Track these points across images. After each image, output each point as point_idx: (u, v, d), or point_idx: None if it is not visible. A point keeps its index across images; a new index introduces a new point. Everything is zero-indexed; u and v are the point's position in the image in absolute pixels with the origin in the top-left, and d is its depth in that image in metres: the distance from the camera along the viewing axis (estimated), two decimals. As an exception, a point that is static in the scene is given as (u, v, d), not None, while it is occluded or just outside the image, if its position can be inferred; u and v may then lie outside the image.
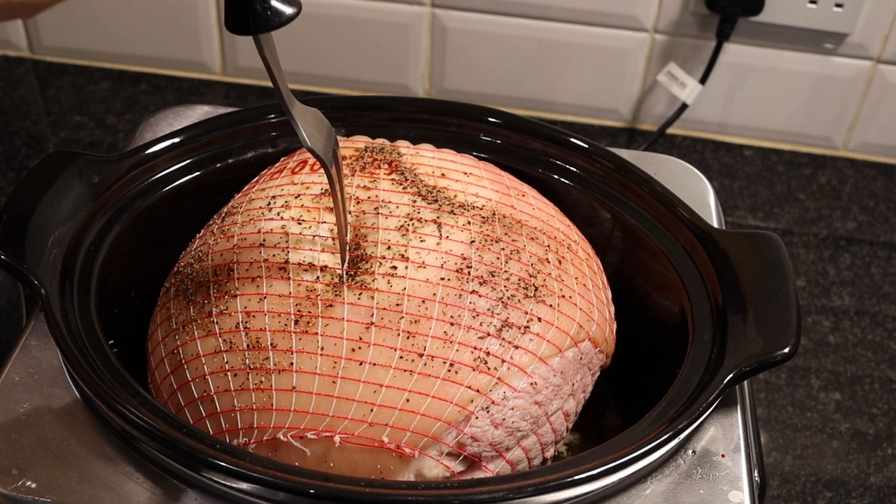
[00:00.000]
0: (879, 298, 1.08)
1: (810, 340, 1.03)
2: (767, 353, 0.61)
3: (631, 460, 0.56)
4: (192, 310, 0.64)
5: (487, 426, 0.60)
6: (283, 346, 0.60)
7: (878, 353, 1.02)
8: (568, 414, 0.66)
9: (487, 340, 0.61)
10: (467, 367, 0.60)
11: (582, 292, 0.67)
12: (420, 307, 0.61)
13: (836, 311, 1.06)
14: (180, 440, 0.55)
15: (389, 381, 0.59)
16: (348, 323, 0.60)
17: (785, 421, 0.95)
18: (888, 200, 1.21)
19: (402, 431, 0.58)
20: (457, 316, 0.61)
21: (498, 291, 0.63)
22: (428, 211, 0.66)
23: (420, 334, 0.60)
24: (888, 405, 0.97)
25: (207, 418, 0.60)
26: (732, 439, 0.62)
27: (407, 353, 0.59)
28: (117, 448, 0.58)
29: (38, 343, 0.64)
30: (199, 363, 0.61)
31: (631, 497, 0.58)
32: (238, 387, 0.60)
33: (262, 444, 0.58)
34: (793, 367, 1.00)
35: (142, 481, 0.57)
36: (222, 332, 0.61)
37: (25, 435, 0.58)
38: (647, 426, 0.59)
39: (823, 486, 0.89)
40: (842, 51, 1.17)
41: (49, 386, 0.62)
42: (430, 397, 0.59)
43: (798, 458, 0.92)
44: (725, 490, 0.58)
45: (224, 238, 0.67)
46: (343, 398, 0.58)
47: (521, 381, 0.61)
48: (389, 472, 0.57)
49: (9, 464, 0.57)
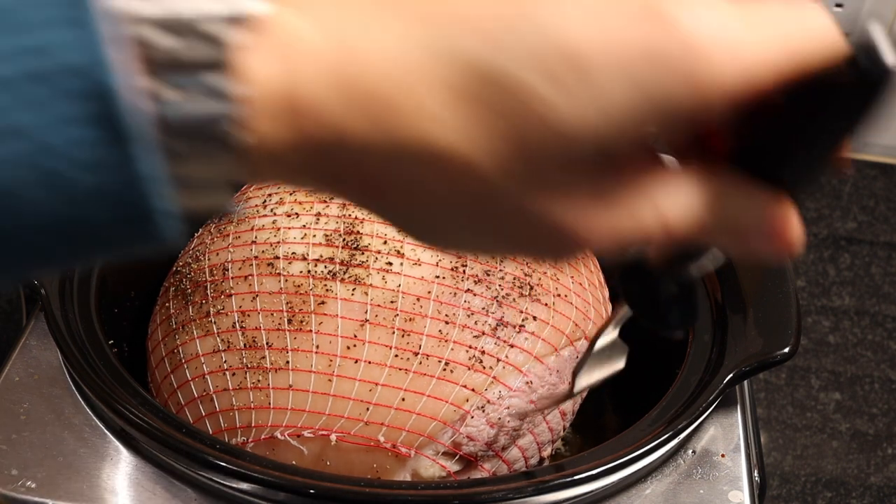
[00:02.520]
0: (879, 298, 1.08)
1: (810, 340, 1.03)
2: (767, 353, 0.61)
3: (631, 460, 0.56)
4: (191, 309, 0.64)
5: (483, 425, 0.60)
6: (279, 345, 0.60)
7: (878, 353, 1.02)
8: (565, 413, 0.66)
9: (482, 339, 0.61)
10: (462, 366, 0.60)
11: (578, 291, 0.67)
12: (415, 305, 0.61)
13: (836, 311, 1.06)
14: (180, 440, 0.55)
15: (385, 379, 0.59)
16: (342, 320, 0.60)
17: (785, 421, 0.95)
18: (888, 200, 1.21)
19: (397, 431, 0.58)
20: (452, 314, 0.61)
21: (493, 290, 0.63)
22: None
23: (415, 332, 0.60)
24: (888, 405, 0.97)
25: (207, 417, 0.60)
26: (732, 439, 0.62)
27: (402, 352, 0.59)
28: (117, 448, 0.59)
29: (38, 343, 0.64)
30: (199, 362, 0.61)
31: (631, 497, 0.58)
32: (236, 386, 0.60)
33: (260, 443, 0.58)
34: (793, 367, 1.00)
35: (142, 481, 0.57)
36: (220, 331, 0.61)
37: (25, 435, 0.59)
38: (647, 426, 0.59)
39: (823, 486, 0.89)
40: (842, 51, 1.17)
41: (49, 386, 0.62)
42: (425, 396, 0.59)
43: (798, 458, 0.92)
44: (725, 490, 0.58)
45: (220, 237, 0.67)
46: (339, 396, 0.58)
47: (517, 380, 0.61)
48: (385, 471, 0.57)
49: (9, 464, 0.57)
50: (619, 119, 0.27)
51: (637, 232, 0.29)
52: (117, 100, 0.24)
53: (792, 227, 0.30)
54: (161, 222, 0.26)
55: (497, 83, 0.26)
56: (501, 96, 0.26)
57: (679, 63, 0.26)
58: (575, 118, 0.26)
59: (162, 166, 0.25)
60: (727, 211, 0.30)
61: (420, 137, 0.27)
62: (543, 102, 0.26)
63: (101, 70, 0.24)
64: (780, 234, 0.30)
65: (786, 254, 0.31)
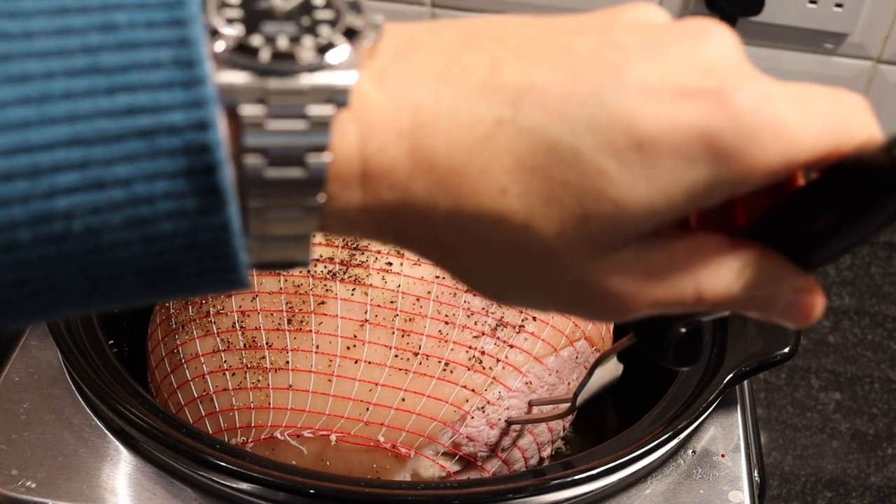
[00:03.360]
0: (879, 298, 1.08)
1: (810, 340, 1.03)
2: (767, 352, 0.61)
3: (631, 460, 0.56)
4: (191, 309, 0.64)
5: (483, 426, 0.60)
6: (279, 345, 0.60)
7: (878, 353, 1.02)
8: (565, 413, 0.66)
9: (482, 339, 0.61)
10: (462, 367, 0.60)
11: (579, 291, 0.67)
12: (415, 305, 0.61)
13: (836, 311, 1.06)
14: (180, 440, 0.55)
15: (385, 379, 0.59)
16: (342, 320, 0.60)
17: (785, 421, 0.95)
18: (888, 200, 1.21)
19: (397, 431, 0.58)
20: (451, 315, 0.61)
21: (494, 291, 0.63)
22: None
23: (415, 333, 0.60)
24: (888, 405, 0.97)
25: (206, 417, 0.60)
26: (732, 439, 0.62)
27: (402, 352, 0.60)
28: (117, 448, 0.59)
29: (38, 343, 0.64)
30: (199, 362, 0.61)
31: (631, 497, 0.58)
32: (236, 386, 0.60)
33: (260, 443, 0.58)
34: (793, 367, 1.00)
35: (142, 481, 0.57)
36: (220, 331, 0.62)
37: (25, 435, 0.59)
38: (647, 426, 0.59)
39: (823, 486, 0.89)
40: (842, 51, 1.17)
41: (49, 386, 0.62)
42: (425, 397, 0.59)
43: (798, 458, 0.92)
44: (725, 490, 0.58)
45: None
46: (339, 396, 0.58)
47: (516, 381, 0.61)
48: (385, 471, 0.57)
49: (9, 464, 0.57)
50: (673, 196, 0.28)
51: (676, 302, 0.31)
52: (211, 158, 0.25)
53: (817, 308, 0.32)
54: (238, 271, 0.28)
55: (561, 157, 0.28)
56: (565, 169, 0.28)
57: (730, 143, 0.27)
58: (633, 193, 0.28)
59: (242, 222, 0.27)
60: (758, 287, 0.31)
61: (485, 204, 0.29)
62: (605, 178, 0.28)
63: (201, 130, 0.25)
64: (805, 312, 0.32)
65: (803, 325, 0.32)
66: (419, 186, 0.28)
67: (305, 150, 0.27)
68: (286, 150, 0.27)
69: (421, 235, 0.30)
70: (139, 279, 0.27)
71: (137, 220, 0.26)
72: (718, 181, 0.28)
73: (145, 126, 0.25)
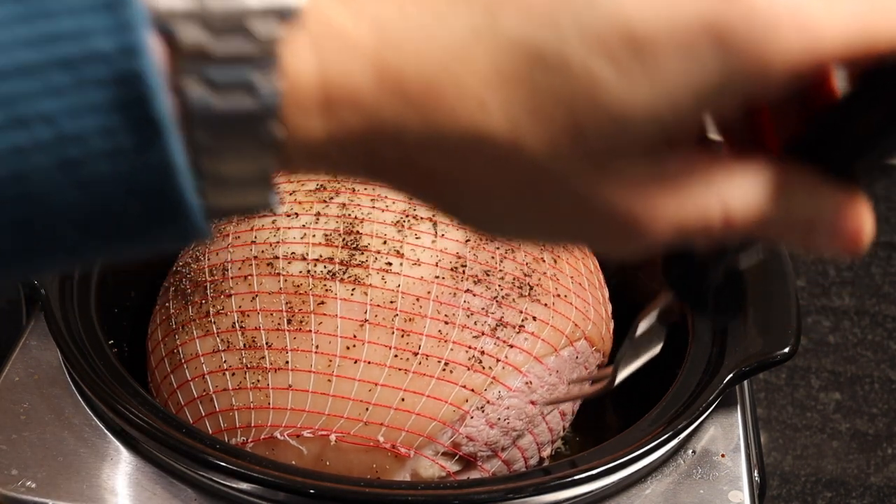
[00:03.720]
0: (879, 298, 1.08)
1: (810, 340, 1.03)
2: (767, 352, 0.61)
3: (631, 460, 0.56)
4: (191, 309, 0.64)
5: (483, 426, 0.60)
6: (279, 345, 0.60)
7: (878, 353, 1.02)
8: (564, 413, 0.66)
9: (482, 339, 0.61)
10: (462, 367, 0.60)
11: (577, 291, 0.67)
12: (414, 305, 0.61)
13: (836, 311, 1.06)
14: (180, 440, 0.55)
15: (384, 379, 0.59)
16: (342, 320, 0.60)
17: (785, 421, 0.95)
18: (888, 200, 1.21)
19: (397, 431, 0.58)
20: (451, 315, 0.61)
21: (492, 290, 0.63)
22: (424, 208, 0.66)
23: (414, 333, 0.60)
24: (888, 405, 0.97)
25: (206, 417, 0.60)
26: (732, 439, 0.62)
27: (401, 352, 0.60)
28: (117, 448, 0.59)
29: (38, 343, 0.64)
30: (198, 363, 0.61)
31: (631, 497, 0.58)
32: (236, 386, 0.60)
33: (260, 443, 0.58)
34: (793, 367, 1.00)
35: (142, 481, 0.57)
36: (220, 331, 0.62)
37: (25, 435, 0.59)
38: (647, 426, 0.59)
39: (823, 486, 0.89)
40: None
41: (49, 386, 0.62)
42: (424, 396, 0.59)
43: (798, 458, 0.92)
44: (725, 490, 0.58)
45: (220, 237, 0.67)
46: (338, 396, 0.58)
47: (516, 381, 0.61)
48: (385, 471, 0.57)
49: (9, 464, 0.57)
50: (679, 99, 0.25)
51: (701, 222, 0.27)
52: (143, 87, 0.23)
53: (865, 225, 0.29)
54: (190, 217, 0.25)
55: (548, 64, 0.25)
56: (552, 78, 0.25)
57: (743, 35, 0.24)
58: (632, 99, 0.25)
59: (190, 160, 0.25)
60: (795, 205, 0.28)
61: (464, 123, 0.26)
62: (598, 83, 0.25)
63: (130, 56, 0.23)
64: (853, 233, 0.28)
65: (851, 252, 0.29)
66: (388, 109, 0.26)
67: (255, 75, 0.24)
68: (232, 76, 0.24)
69: (394, 163, 0.27)
70: (80, 231, 0.25)
71: (69, 162, 0.23)
72: (730, 80, 0.25)
73: (68, 54, 0.23)
